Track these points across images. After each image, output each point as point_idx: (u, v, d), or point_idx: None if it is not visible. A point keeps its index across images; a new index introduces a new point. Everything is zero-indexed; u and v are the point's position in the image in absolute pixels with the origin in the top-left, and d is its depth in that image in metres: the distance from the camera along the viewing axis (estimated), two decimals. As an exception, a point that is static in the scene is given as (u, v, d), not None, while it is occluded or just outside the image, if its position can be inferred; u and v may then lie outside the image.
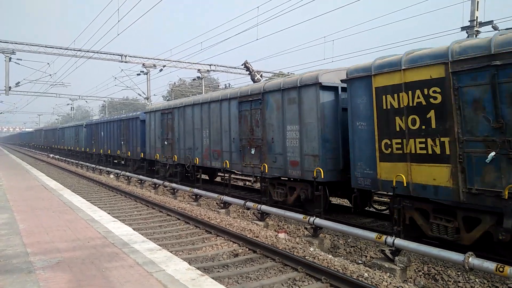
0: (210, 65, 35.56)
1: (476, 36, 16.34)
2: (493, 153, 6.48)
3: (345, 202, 13.05)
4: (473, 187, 6.83)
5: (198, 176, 16.17)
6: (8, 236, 6.36)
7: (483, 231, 6.96)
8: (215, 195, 12.67)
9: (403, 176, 7.83)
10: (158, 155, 20.00)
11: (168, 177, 19.02)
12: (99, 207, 10.02)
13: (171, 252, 6.34)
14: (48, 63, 33.66)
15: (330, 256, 7.65)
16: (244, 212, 12.41)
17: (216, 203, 12.70)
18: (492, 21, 16.60)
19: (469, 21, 16.52)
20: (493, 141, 6.57)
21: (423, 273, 7.15)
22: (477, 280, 6.63)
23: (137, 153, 23.42)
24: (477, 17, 16.31)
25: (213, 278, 4.91)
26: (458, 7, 17.60)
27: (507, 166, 6.39)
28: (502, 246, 6.95)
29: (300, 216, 9.25)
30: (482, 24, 16.53)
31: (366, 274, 6.44)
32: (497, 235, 6.62)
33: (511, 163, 6.35)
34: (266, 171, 11.98)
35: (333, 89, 10.54)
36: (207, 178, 19.67)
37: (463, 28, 16.87)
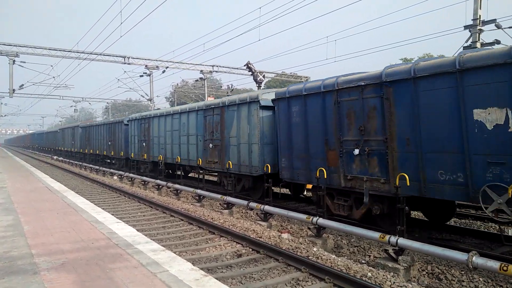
0: (212, 66, 35.62)
1: (479, 36, 16.30)
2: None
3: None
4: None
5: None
6: (13, 238, 6.40)
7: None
8: (219, 196, 12.70)
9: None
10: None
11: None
12: (103, 209, 10.06)
13: (174, 252, 6.36)
14: (52, 66, 33.85)
15: (334, 256, 7.65)
16: (247, 212, 12.43)
17: (220, 203, 12.72)
18: (495, 19, 16.54)
19: (472, 19, 16.47)
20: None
21: (426, 272, 7.14)
22: (481, 279, 6.62)
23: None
24: (480, 15, 16.26)
25: (216, 278, 4.93)
26: (461, 6, 17.56)
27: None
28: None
29: (304, 216, 9.26)
30: (485, 22, 16.48)
31: (369, 274, 6.44)
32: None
33: None
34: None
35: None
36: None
37: (466, 27, 16.83)
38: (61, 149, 47.94)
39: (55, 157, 43.81)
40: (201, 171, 15.63)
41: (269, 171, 12.37)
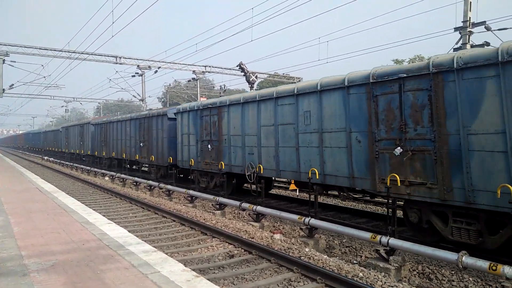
0: (205, 66, 35.54)
1: (469, 37, 16.49)
2: None
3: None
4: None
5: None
6: (3, 239, 6.32)
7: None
8: (211, 197, 12.68)
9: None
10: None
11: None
12: (94, 209, 10.00)
13: (166, 253, 6.33)
14: (42, 65, 33.49)
15: (325, 256, 7.68)
16: (239, 213, 12.43)
17: (212, 204, 12.70)
18: (485, 21, 16.75)
19: (462, 21, 16.66)
20: None
21: (417, 272, 7.20)
22: (470, 279, 6.69)
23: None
24: (470, 17, 16.45)
25: (208, 279, 4.92)
26: (451, 8, 17.76)
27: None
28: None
29: (296, 217, 9.28)
30: (475, 24, 16.67)
31: (361, 274, 6.48)
32: None
33: None
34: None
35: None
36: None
37: (456, 29, 17.01)
38: (65, 151, 41.18)
39: (45, 157, 43.23)
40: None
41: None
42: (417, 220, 8.20)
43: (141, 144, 21.77)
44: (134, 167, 26.79)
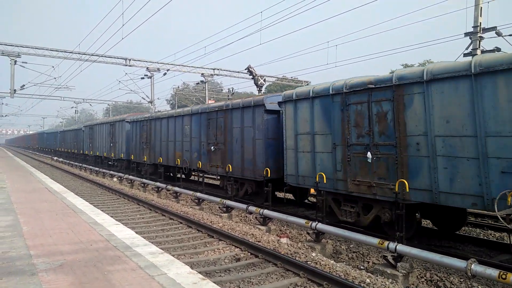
0: (213, 69, 35.67)
1: (479, 43, 16.35)
2: None
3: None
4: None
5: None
6: (12, 238, 6.39)
7: None
8: (218, 199, 12.68)
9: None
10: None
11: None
12: (102, 210, 10.06)
13: (173, 256, 6.35)
14: (53, 66, 33.87)
15: (332, 261, 7.63)
16: (246, 216, 12.42)
17: (219, 207, 12.71)
18: (496, 27, 16.60)
19: (472, 27, 16.53)
20: None
21: (425, 279, 7.12)
22: (479, 287, 6.61)
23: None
24: (480, 23, 16.31)
25: (214, 282, 4.92)
26: (462, 13, 17.63)
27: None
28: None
29: (303, 221, 9.25)
30: (485, 30, 16.53)
31: (368, 280, 6.43)
32: None
33: None
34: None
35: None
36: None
37: (466, 34, 16.88)
38: (89, 154, 34.74)
39: (55, 158, 43.56)
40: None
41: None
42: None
43: (211, 147, 15.73)
44: (193, 177, 22.16)
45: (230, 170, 14.25)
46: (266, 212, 10.45)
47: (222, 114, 15.31)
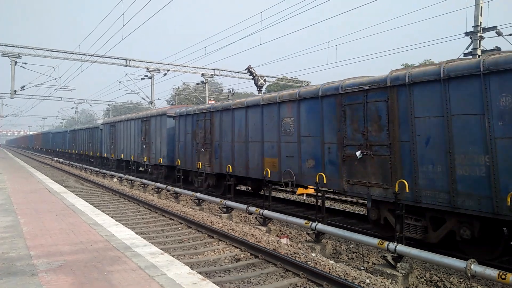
0: (213, 69, 35.70)
1: (479, 42, 16.36)
2: None
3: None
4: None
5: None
6: (12, 239, 6.40)
7: None
8: (218, 200, 12.69)
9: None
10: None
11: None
12: (102, 211, 10.07)
13: (173, 256, 6.35)
14: (53, 67, 33.94)
15: (332, 261, 7.64)
16: (246, 217, 12.42)
17: (219, 207, 12.72)
18: (496, 26, 16.61)
19: (472, 26, 16.54)
20: None
21: (425, 279, 7.12)
22: (479, 287, 6.61)
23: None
24: (481, 22, 16.32)
25: (214, 282, 4.93)
26: (462, 12, 17.65)
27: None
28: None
29: (302, 221, 9.25)
30: (486, 29, 16.54)
31: (368, 280, 6.43)
32: None
33: None
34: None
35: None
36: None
37: (466, 34, 16.89)
38: (109, 157, 29.11)
39: (55, 158, 43.54)
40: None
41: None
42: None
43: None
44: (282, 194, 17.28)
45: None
46: (266, 212, 10.45)
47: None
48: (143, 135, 22.32)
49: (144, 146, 22.16)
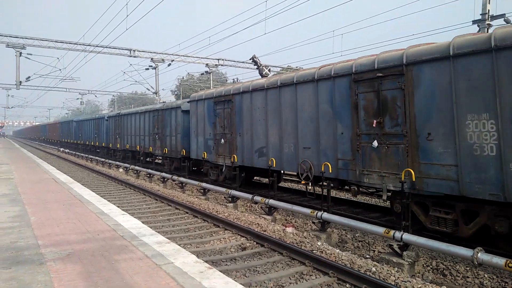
0: (218, 59, 35.55)
1: (487, 30, 16.12)
2: None
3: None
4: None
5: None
6: (20, 228, 6.46)
7: None
8: (223, 189, 12.72)
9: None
10: None
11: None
12: (108, 201, 10.12)
13: (179, 245, 6.38)
14: (58, 58, 33.99)
15: (338, 250, 7.65)
16: (252, 206, 12.45)
17: (224, 197, 12.75)
18: (504, 14, 16.37)
19: (480, 14, 16.29)
20: None
21: (431, 268, 7.12)
22: (486, 275, 6.59)
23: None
24: (488, 10, 16.09)
25: (221, 271, 4.95)
26: (470, 0, 17.37)
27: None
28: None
29: (308, 211, 9.26)
30: (493, 17, 16.30)
31: (373, 269, 6.44)
32: None
33: None
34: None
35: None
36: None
37: (474, 22, 16.65)
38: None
39: (61, 149, 43.63)
40: None
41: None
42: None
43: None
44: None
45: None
46: (272, 202, 10.47)
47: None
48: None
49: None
